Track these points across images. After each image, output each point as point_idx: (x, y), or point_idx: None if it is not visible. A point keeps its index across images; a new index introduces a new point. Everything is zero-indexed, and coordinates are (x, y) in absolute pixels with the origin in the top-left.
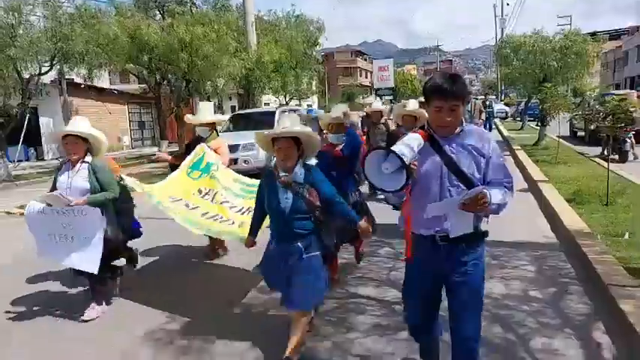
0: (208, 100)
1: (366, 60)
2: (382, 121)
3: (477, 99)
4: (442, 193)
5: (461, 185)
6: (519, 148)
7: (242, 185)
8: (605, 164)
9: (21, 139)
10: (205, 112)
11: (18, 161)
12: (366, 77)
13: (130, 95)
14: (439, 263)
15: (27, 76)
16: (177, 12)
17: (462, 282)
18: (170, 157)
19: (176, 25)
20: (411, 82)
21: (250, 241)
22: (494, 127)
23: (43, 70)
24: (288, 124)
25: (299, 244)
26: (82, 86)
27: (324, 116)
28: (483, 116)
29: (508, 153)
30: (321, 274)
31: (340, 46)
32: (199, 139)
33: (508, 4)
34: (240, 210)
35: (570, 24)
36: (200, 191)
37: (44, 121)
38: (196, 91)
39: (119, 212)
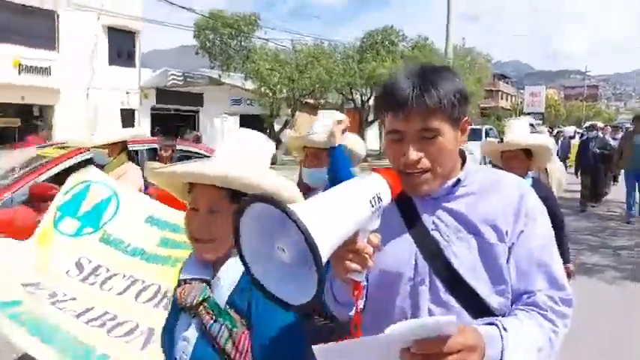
0: None
1: (507, 83)
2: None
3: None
4: (416, 315)
5: (454, 305)
6: None
7: (164, 231)
8: None
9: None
10: (103, 126)
11: None
12: (507, 100)
13: (320, 109)
14: None
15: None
16: (390, 51)
17: None
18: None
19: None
20: (554, 107)
21: None
22: None
23: (305, 92)
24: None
25: None
26: (304, 102)
27: (292, 135)
28: None
29: None
30: None
31: None
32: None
33: None
34: (155, 296)
35: None
36: (80, 266)
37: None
38: None
39: None
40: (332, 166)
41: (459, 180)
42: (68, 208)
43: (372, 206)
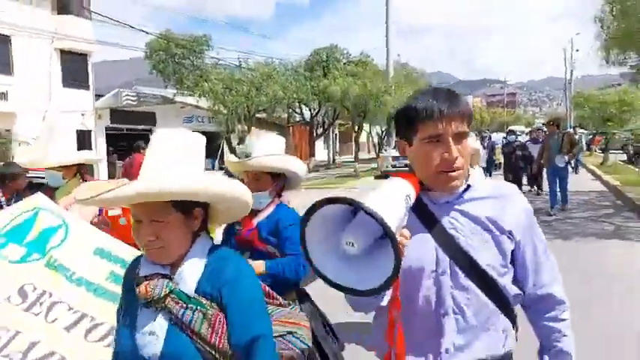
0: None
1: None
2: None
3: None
4: (439, 304)
5: (473, 288)
6: (591, 166)
7: (114, 265)
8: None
9: (219, 154)
10: (57, 146)
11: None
12: None
13: (274, 124)
14: None
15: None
16: (337, 68)
17: None
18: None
19: (368, 82)
20: (480, 114)
21: None
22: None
23: (260, 108)
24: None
25: None
26: (259, 119)
27: (231, 160)
28: (576, 150)
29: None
30: None
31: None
32: (40, 189)
33: (578, 50)
34: (108, 334)
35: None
36: (24, 294)
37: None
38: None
39: None
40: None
41: (469, 186)
42: (14, 235)
43: (406, 204)
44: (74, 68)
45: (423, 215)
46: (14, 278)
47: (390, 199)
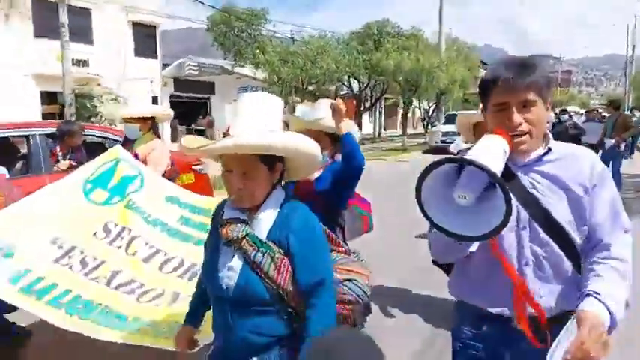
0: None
1: (486, 69)
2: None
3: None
4: (521, 255)
5: (551, 243)
6: None
7: (183, 210)
8: None
9: None
10: (134, 103)
11: None
12: None
13: (325, 97)
14: None
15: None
16: (389, 42)
17: None
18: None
19: (421, 57)
20: None
21: (184, 337)
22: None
23: (313, 81)
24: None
25: None
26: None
27: (296, 118)
28: (626, 135)
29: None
30: None
31: None
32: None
33: None
34: (180, 266)
35: None
36: (107, 230)
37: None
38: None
39: None
40: (347, 152)
41: (549, 149)
42: (99, 182)
43: (504, 158)
44: (144, 39)
45: (506, 176)
46: (100, 217)
47: (492, 154)
